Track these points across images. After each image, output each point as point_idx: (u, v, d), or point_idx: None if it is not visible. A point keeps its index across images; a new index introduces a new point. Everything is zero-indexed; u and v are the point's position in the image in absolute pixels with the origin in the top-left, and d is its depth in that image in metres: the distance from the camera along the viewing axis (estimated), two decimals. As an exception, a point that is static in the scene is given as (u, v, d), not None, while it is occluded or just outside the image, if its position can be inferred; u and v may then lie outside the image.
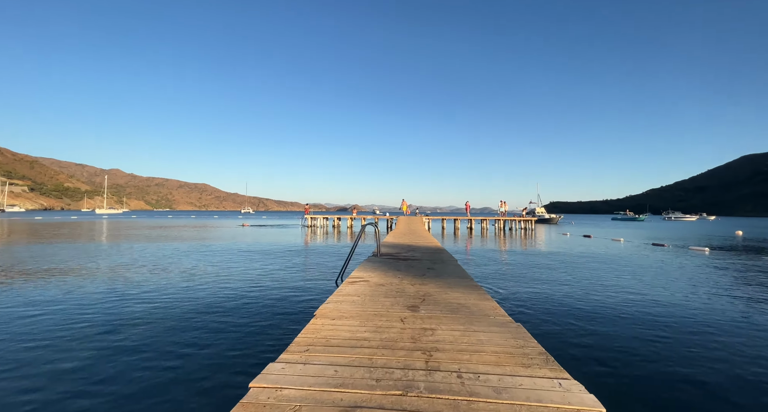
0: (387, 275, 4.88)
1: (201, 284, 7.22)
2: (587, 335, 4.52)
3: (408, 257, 6.73)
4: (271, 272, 8.65)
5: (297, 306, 5.74)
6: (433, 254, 7.39)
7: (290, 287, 7.02)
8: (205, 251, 12.39)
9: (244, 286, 7.11)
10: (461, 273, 5.06)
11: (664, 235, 26.02)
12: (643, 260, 11.04)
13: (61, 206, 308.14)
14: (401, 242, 9.97)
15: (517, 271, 8.81)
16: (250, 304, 5.84)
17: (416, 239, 11.00)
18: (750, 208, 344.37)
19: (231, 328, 4.67)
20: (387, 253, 7.40)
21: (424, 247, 8.81)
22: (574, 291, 6.71)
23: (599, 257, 11.47)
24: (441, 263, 6.09)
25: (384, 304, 3.29)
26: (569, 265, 9.77)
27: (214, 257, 10.97)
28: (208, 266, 9.43)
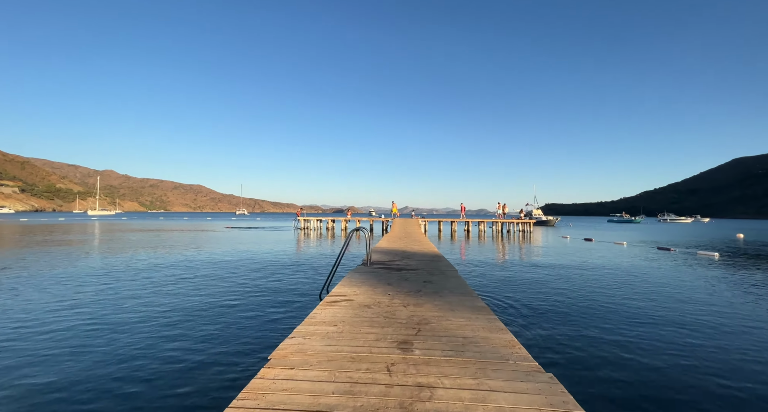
0: (376, 290, 4.11)
1: (140, 309, 5.58)
2: (632, 384, 3.33)
3: (402, 267, 5.96)
4: (240, 287, 7.20)
5: (257, 340, 4.32)
6: (430, 262, 6.63)
7: (258, 308, 5.68)
8: (173, 261, 10.61)
9: (199, 309, 5.58)
10: (464, 288, 4.30)
11: (664, 238, 25.53)
12: (656, 268, 10.31)
13: (53, 207, 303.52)
14: (395, 248, 9.21)
15: (522, 282, 8.03)
16: (196, 336, 4.40)
17: (412, 244, 10.24)
18: (741, 210, 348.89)
19: (143, 388, 3.12)
20: (378, 261, 6.62)
21: (421, 253, 8.05)
22: (595, 311, 5.78)
23: (608, 265, 10.73)
24: (439, 273, 5.33)
25: (367, 338, 2.51)
26: (579, 275, 9.02)
27: (176, 270, 9.06)
28: (165, 279, 7.82)
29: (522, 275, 8.83)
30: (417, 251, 8.37)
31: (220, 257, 11.48)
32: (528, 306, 5.92)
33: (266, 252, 13.11)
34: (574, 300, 6.41)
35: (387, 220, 29.18)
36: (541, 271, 9.41)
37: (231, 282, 7.61)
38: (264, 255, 12.19)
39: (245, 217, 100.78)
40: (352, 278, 4.84)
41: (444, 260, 6.82)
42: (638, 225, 59.70)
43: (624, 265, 10.67)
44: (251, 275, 8.47)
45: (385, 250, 8.64)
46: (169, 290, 6.86)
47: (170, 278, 8.16)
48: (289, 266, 9.99)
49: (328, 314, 3.11)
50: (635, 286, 7.68)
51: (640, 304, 6.27)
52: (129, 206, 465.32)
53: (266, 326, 4.88)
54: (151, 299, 6.23)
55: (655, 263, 11.24)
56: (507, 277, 8.39)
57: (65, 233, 22.62)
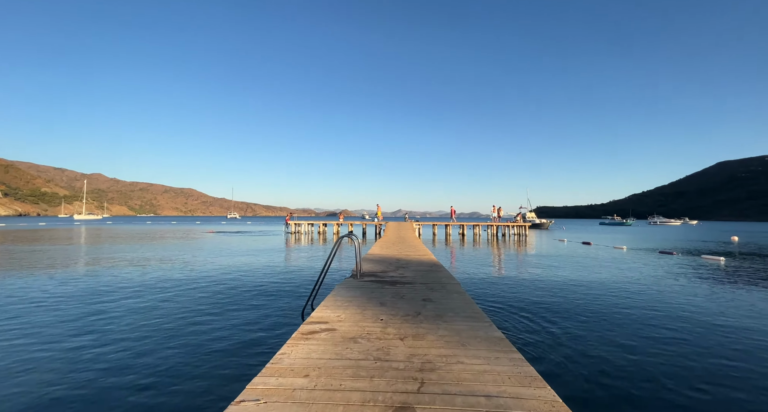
0: (365, 313, 3.35)
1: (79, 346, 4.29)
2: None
3: (396, 279, 5.22)
4: (210, 306, 6.01)
5: (208, 392, 3.20)
6: (428, 272, 5.90)
7: (223, 339, 4.46)
8: (135, 277, 8.74)
9: (145, 343, 4.37)
10: (471, 308, 3.57)
11: (660, 241, 25.28)
12: (668, 276, 9.67)
13: (38, 211, 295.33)
14: (389, 254, 8.46)
15: (529, 294, 7.25)
16: (123, 391, 3.23)
17: (407, 250, 9.51)
18: (726, 213, 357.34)
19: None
20: (370, 272, 5.87)
21: (417, 261, 7.32)
22: (624, 334, 4.93)
23: (615, 273, 10.08)
24: (440, 288, 4.60)
25: (350, 401, 1.76)
26: (588, 285, 8.32)
27: (133, 288, 7.43)
28: (113, 305, 6.09)
29: (526, 285, 8.15)
30: (413, 259, 7.64)
31: (194, 269, 10.25)
32: (545, 329, 5.05)
33: (248, 261, 12.10)
34: (590, 318, 5.72)
35: (380, 224, 28.42)
36: (546, 280, 8.75)
37: (198, 302, 6.49)
38: (245, 264, 11.17)
39: (236, 220, 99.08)
40: (338, 296, 4.08)
41: (443, 271, 6.10)
42: (629, 228, 60.02)
43: (632, 272, 10.08)
44: (225, 292, 7.29)
45: (378, 257, 7.89)
46: (114, 320, 5.93)
47: (125, 298, 7.26)
48: (272, 276, 9.04)
49: (300, 355, 2.34)
50: (657, 301, 7.02)
51: (673, 325, 5.61)
52: (118, 210, 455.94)
53: (227, 366, 3.76)
54: (86, 336, 4.76)
55: (664, 270, 10.68)
56: (512, 289, 7.63)
57: (33, 241, 21.32)
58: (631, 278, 9.08)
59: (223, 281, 8.29)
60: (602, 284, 8.35)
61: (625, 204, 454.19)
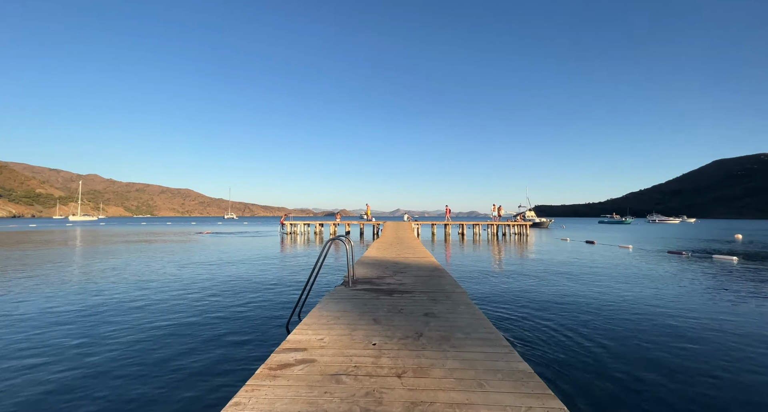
0: (354, 335, 2.73)
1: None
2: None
3: (394, 287, 4.60)
4: (187, 320, 5.23)
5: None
6: (429, 278, 5.28)
7: (174, 373, 3.57)
8: (109, 286, 7.69)
9: (79, 375, 3.53)
10: (484, 327, 2.96)
11: (661, 239, 24.79)
12: (686, 278, 9.10)
13: (32, 213, 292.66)
14: (386, 257, 7.84)
15: (542, 303, 6.54)
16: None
17: (405, 252, 8.89)
18: (722, 210, 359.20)
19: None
20: (364, 278, 5.24)
21: (416, 264, 6.71)
22: (663, 355, 4.38)
23: (630, 275, 9.47)
24: (444, 298, 3.98)
25: None
26: (605, 291, 7.72)
27: (103, 299, 6.54)
28: (79, 318, 5.34)
29: (537, 290, 7.52)
30: (412, 262, 7.02)
31: (173, 274, 9.43)
32: (569, 349, 4.30)
33: (237, 264, 11.37)
34: (621, 334, 5.11)
35: (378, 223, 27.78)
36: (558, 285, 8.12)
37: (170, 313, 5.70)
38: (233, 268, 10.44)
39: (233, 221, 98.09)
40: (324, 310, 3.46)
41: (446, 276, 5.48)
42: (629, 226, 59.69)
43: (647, 275, 9.47)
44: (204, 300, 6.50)
45: (374, 260, 7.27)
46: (74, 335, 5.28)
47: (87, 313, 6.60)
48: (260, 282, 8.32)
49: (261, 407, 1.71)
50: (687, 309, 6.42)
51: (716, 340, 5.02)
52: (114, 211, 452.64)
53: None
54: (47, 354, 4.27)
55: (679, 271, 10.09)
56: (522, 296, 6.85)
57: (14, 244, 20.56)
58: (647, 281, 8.49)
59: (204, 288, 7.59)
60: (620, 289, 7.76)
61: (622, 202, 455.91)
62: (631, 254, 14.59)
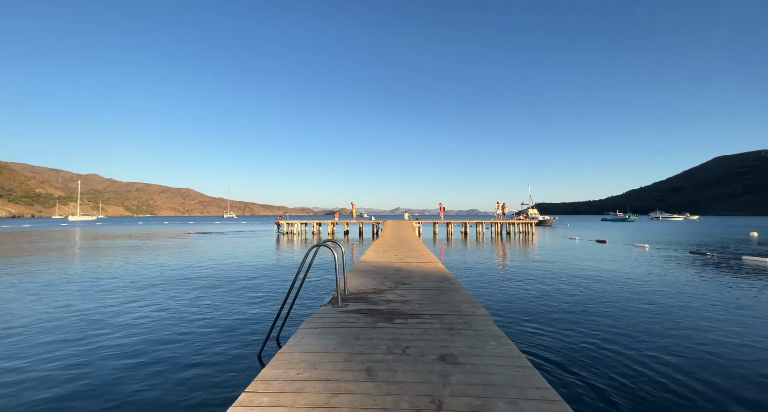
0: (333, 401, 1.71)
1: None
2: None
3: (395, 307, 3.57)
4: (111, 361, 3.76)
5: None
6: (439, 291, 4.26)
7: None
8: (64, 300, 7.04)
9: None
10: (535, 386, 1.93)
11: (672, 237, 23.76)
12: (727, 285, 8.08)
13: (32, 213, 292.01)
14: (386, 261, 6.82)
15: (589, 325, 5.33)
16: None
17: (408, 255, 7.87)
18: (724, 207, 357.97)
19: None
20: (358, 292, 4.22)
21: (421, 272, 5.68)
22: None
23: (661, 282, 8.36)
24: (464, 326, 2.95)
25: None
26: (636, 300, 6.67)
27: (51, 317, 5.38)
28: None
29: (567, 301, 6.42)
30: (416, 269, 6.00)
31: (143, 284, 8.04)
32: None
33: (219, 270, 10.09)
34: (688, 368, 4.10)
35: (378, 223, 26.77)
36: (590, 295, 7.03)
37: (116, 343, 4.38)
38: (212, 275, 9.11)
39: (232, 220, 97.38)
40: (296, 350, 2.43)
41: (459, 288, 4.46)
42: (633, 223, 58.70)
43: (684, 280, 8.31)
44: (161, 322, 5.17)
45: (372, 266, 6.25)
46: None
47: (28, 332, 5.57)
48: (240, 293, 7.02)
49: None
50: (747, 328, 5.41)
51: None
52: (114, 211, 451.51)
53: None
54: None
55: (713, 277, 9.02)
56: (556, 310, 5.48)
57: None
58: (683, 289, 7.43)
59: (168, 306, 6.24)
60: (668, 302, 6.73)
61: (623, 200, 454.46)
62: (650, 255, 13.56)
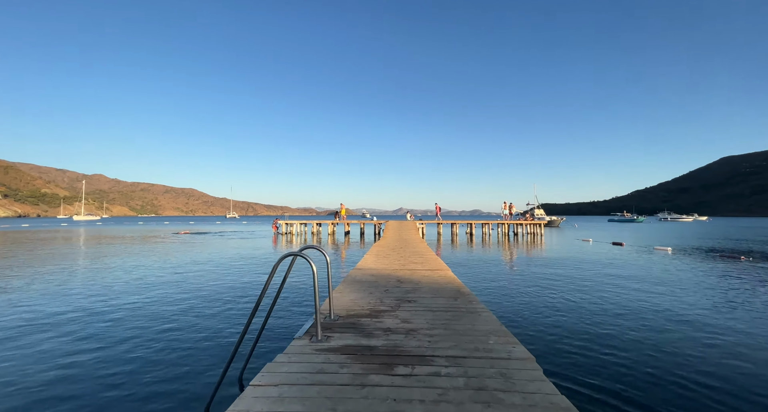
0: None
1: None
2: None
3: (396, 343, 2.56)
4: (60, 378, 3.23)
5: None
6: (454, 315, 3.24)
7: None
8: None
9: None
10: None
11: (688, 239, 22.53)
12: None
13: (38, 212, 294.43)
14: (387, 269, 5.82)
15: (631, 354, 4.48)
16: None
17: (412, 260, 6.87)
18: (731, 208, 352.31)
19: None
20: (348, 314, 3.22)
21: (429, 283, 4.67)
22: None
23: (700, 292, 7.32)
24: (503, 385, 1.93)
25: None
26: (690, 318, 5.70)
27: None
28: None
29: (613, 326, 5.44)
30: (422, 279, 4.99)
31: (85, 297, 6.82)
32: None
33: (194, 279, 8.74)
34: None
35: (379, 223, 25.78)
36: (632, 315, 6.04)
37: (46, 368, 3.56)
38: (180, 287, 7.70)
39: (234, 220, 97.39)
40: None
41: (481, 309, 3.44)
42: (642, 224, 57.14)
43: (721, 288, 7.35)
44: (91, 359, 3.82)
45: (370, 275, 5.25)
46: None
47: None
48: (201, 312, 5.53)
49: None
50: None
51: None
52: (118, 211, 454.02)
53: None
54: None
55: (755, 283, 7.97)
56: (608, 345, 4.39)
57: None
58: (734, 300, 6.39)
59: (112, 332, 4.71)
60: (713, 318, 5.69)
61: (628, 200, 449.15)
62: (676, 259, 12.45)
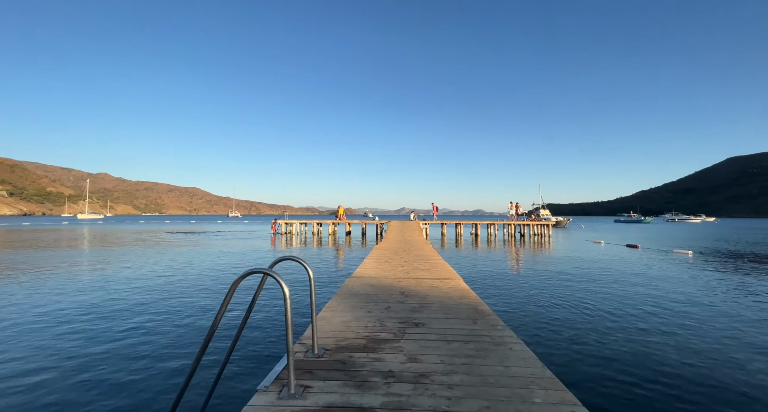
0: None
1: None
2: None
3: (398, 398, 1.78)
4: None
5: None
6: (478, 349, 2.46)
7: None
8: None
9: None
10: None
11: (702, 241, 21.57)
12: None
13: (43, 211, 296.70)
14: (388, 278, 5.04)
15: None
16: None
17: (416, 267, 6.09)
18: (738, 209, 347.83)
19: None
20: (338, 346, 2.44)
21: (439, 299, 3.89)
22: None
23: (742, 305, 6.53)
24: None
25: None
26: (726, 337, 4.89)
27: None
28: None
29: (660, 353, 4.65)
30: (430, 291, 4.21)
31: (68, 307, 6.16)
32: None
33: (178, 286, 8.03)
34: None
35: (381, 223, 25.02)
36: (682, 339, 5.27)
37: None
38: (168, 295, 7.02)
39: (236, 219, 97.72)
40: None
41: (509, 339, 2.66)
42: (649, 225, 55.93)
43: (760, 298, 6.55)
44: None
45: (369, 286, 4.47)
46: None
47: None
48: (152, 340, 4.50)
49: None
50: None
51: None
52: (123, 209, 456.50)
53: None
54: None
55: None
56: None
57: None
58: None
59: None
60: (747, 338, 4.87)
61: (632, 201, 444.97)
62: (700, 264, 11.58)
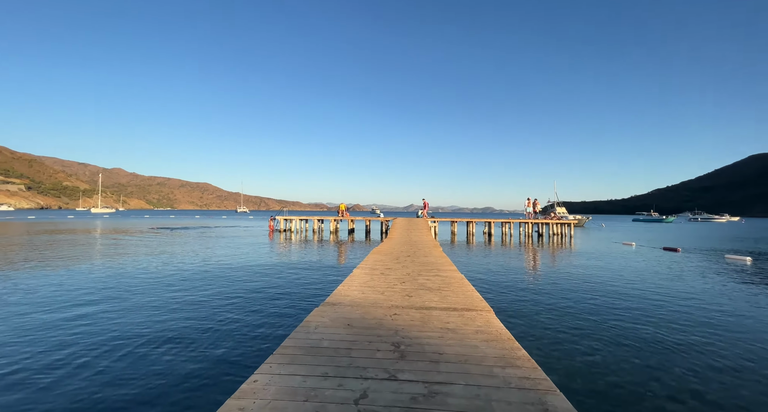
0: None
1: None
2: None
3: None
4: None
5: None
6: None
7: None
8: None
9: None
10: None
11: (745, 244, 19.16)
12: None
13: (59, 205, 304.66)
14: (378, 308, 3.31)
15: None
16: None
17: (421, 284, 4.34)
18: (760, 208, 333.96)
19: None
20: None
21: (457, 360, 2.14)
22: None
23: None
24: None
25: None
26: None
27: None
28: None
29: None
30: (443, 338, 2.45)
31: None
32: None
33: (151, 294, 7.07)
34: None
35: (387, 220, 23.30)
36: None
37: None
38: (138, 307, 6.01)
39: (244, 215, 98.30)
40: None
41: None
42: (672, 225, 52.77)
43: None
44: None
45: (341, 329, 2.75)
46: None
47: None
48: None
49: None
50: None
51: None
52: (136, 204, 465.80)
53: None
54: None
55: None
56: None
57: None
58: None
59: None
60: None
61: (648, 199, 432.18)
62: (764, 271, 9.54)
